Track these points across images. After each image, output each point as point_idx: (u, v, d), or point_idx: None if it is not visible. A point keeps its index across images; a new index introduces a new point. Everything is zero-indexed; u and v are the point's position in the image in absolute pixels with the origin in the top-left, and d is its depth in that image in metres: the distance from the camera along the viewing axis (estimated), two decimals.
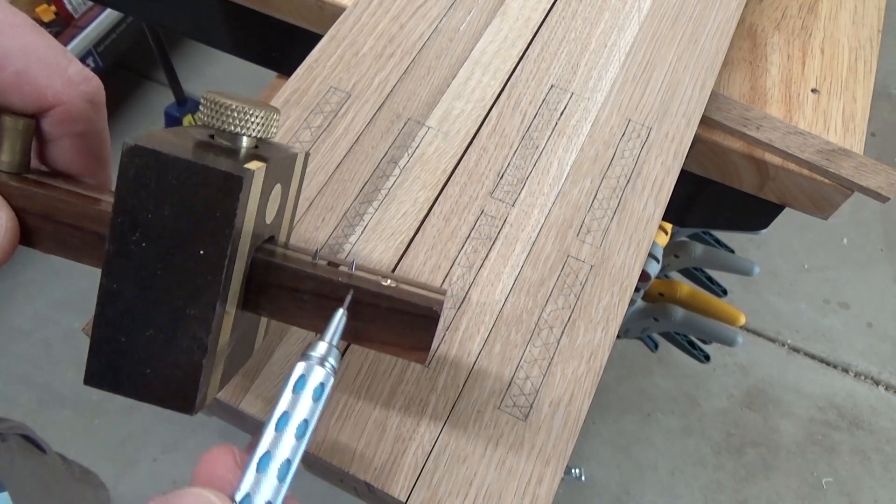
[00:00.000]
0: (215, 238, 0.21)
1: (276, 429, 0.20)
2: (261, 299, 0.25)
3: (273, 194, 0.25)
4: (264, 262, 0.24)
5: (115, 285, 0.21)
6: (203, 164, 0.21)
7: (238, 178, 0.21)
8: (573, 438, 0.31)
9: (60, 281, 1.36)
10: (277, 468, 0.20)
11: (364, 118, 0.40)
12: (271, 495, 0.19)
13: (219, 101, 0.23)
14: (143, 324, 0.22)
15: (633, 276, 0.35)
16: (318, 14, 0.50)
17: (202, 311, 0.22)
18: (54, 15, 1.29)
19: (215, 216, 0.21)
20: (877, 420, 1.30)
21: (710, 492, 1.22)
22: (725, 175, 0.48)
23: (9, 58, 0.23)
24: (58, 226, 0.24)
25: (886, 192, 0.43)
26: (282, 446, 0.20)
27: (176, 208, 0.21)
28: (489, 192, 0.38)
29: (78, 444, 1.20)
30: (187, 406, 0.22)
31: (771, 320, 1.40)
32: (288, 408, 0.21)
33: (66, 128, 0.25)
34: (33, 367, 1.27)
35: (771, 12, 0.53)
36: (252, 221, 0.23)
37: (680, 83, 0.43)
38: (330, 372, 0.22)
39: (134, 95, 1.62)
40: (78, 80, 0.25)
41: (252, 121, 0.23)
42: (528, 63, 0.43)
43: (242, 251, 0.23)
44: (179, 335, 0.22)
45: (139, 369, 0.22)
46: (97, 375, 0.22)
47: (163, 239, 0.21)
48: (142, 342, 0.22)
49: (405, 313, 0.24)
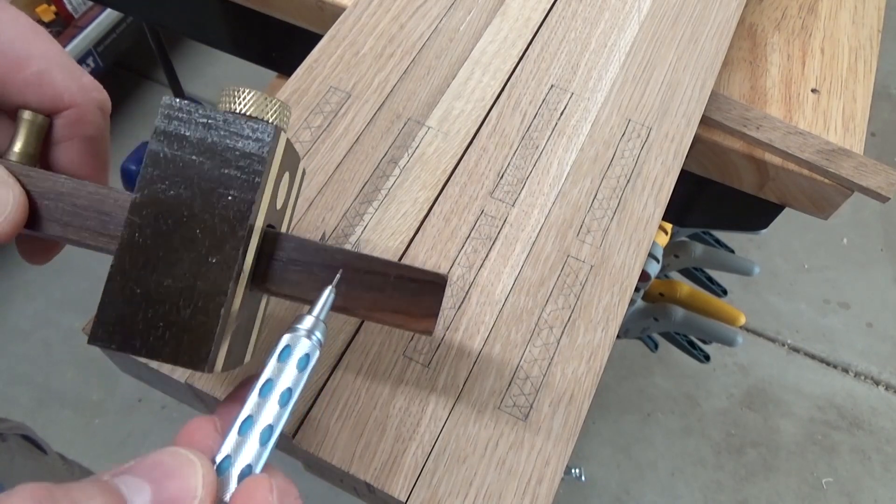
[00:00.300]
0: (245, 184, 0.22)
1: (259, 394, 0.20)
2: (269, 272, 0.25)
3: (284, 180, 0.26)
4: (274, 234, 0.25)
5: (136, 234, 0.22)
6: (237, 116, 0.23)
7: (271, 128, 0.23)
8: (573, 438, 0.31)
9: (60, 281, 1.36)
10: (259, 432, 0.20)
11: (364, 118, 0.40)
12: (252, 458, 0.19)
13: (240, 88, 0.24)
14: (163, 273, 0.22)
15: (633, 276, 0.35)
16: (318, 14, 0.50)
17: (226, 258, 0.22)
18: (54, 15, 1.29)
19: (247, 163, 0.22)
20: (877, 420, 1.30)
21: (710, 492, 1.22)
22: (725, 175, 0.48)
23: (33, 58, 0.25)
24: (65, 207, 0.24)
25: (886, 192, 0.43)
26: (265, 412, 0.20)
27: (208, 156, 0.22)
28: (489, 192, 0.38)
29: (78, 444, 1.20)
30: (201, 360, 0.22)
31: (771, 320, 1.40)
32: (272, 375, 0.21)
33: (77, 129, 0.27)
34: (33, 367, 1.27)
35: (771, 12, 0.53)
36: (269, 192, 0.24)
37: (680, 83, 0.43)
38: (316, 344, 0.22)
39: (134, 95, 1.62)
40: (91, 87, 0.27)
41: (270, 107, 0.24)
42: (528, 63, 0.43)
43: (259, 220, 0.23)
44: (199, 284, 0.22)
45: (153, 324, 0.22)
46: (106, 332, 0.22)
47: (192, 186, 0.22)
48: (159, 293, 0.22)
49: (414, 280, 0.25)
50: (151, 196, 0.22)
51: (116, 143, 1.45)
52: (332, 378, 0.32)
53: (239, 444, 0.19)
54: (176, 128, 0.22)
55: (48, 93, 0.25)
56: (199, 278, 0.22)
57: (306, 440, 0.30)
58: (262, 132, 0.23)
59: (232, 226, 0.22)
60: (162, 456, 0.18)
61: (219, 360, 0.23)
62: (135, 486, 0.17)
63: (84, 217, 0.24)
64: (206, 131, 0.22)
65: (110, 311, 0.22)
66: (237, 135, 0.22)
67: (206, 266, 0.22)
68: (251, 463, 0.19)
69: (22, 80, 0.25)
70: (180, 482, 0.17)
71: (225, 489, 0.19)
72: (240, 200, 0.22)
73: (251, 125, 0.23)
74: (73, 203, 0.24)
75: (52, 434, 0.75)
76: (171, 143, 0.22)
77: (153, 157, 0.22)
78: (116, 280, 0.22)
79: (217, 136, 0.22)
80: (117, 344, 0.22)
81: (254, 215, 0.23)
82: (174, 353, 0.22)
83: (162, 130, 0.22)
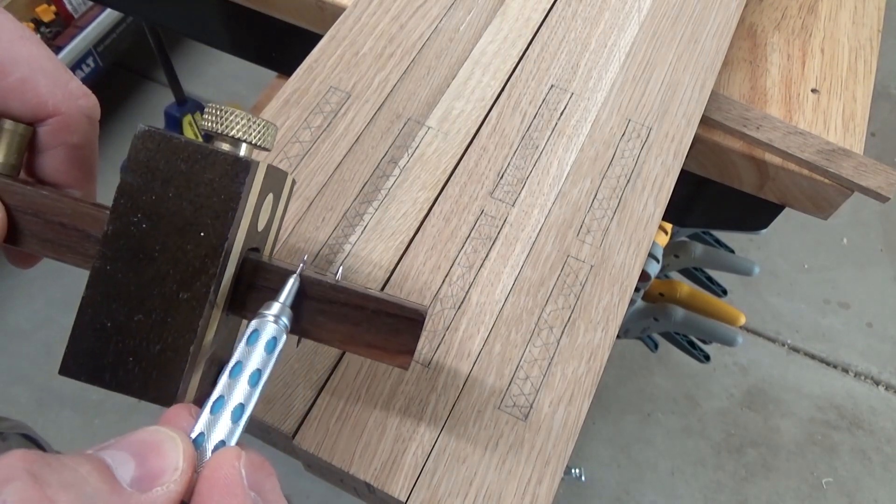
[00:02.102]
0: (217, 221, 0.22)
1: (230, 375, 0.21)
2: (248, 299, 0.25)
3: (266, 202, 0.25)
4: (254, 262, 0.25)
5: (108, 267, 0.22)
6: (213, 148, 0.22)
7: (246, 162, 0.22)
8: (573, 438, 0.31)
9: (60, 281, 1.36)
10: (231, 411, 0.20)
11: (364, 118, 0.40)
12: (225, 435, 0.20)
13: (224, 107, 0.23)
14: (133, 308, 0.22)
15: (633, 276, 0.35)
16: (318, 14, 0.50)
17: (196, 296, 0.22)
18: (54, 15, 1.29)
19: (220, 198, 0.22)
20: (877, 420, 1.30)
21: (710, 492, 1.22)
22: (725, 175, 0.48)
23: (16, 65, 0.24)
24: (44, 223, 0.24)
25: (886, 192, 0.43)
26: (235, 392, 0.21)
27: (181, 190, 0.22)
28: (489, 192, 0.38)
29: (78, 445, 1.19)
30: (168, 398, 0.22)
31: (771, 320, 1.40)
32: (241, 358, 0.21)
33: (62, 137, 0.26)
34: (33, 367, 1.27)
35: (771, 12, 0.53)
36: (248, 219, 0.23)
37: (680, 83, 0.43)
38: (282, 328, 0.22)
39: (134, 95, 1.62)
40: (78, 94, 0.26)
41: (253, 128, 0.23)
42: (528, 63, 0.43)
43: (236, 250, 0.23)
44: (169, 321, 0.22)
45: (122, 358, 0.22)
46: (76, 364, 0.22)
47: (164, 220, 0.22)
48: (129, 328, 0.22)
49: (392, 315, 0.25)
50: (123, 229, 0.22)
51: (116, 143, 1.45)
52: (332, 378, 0.32)
53: (212, 422, 0.20)
54: (149, 158, 0.22)
55: (32, 100, 0.25)
56: (170, 315, 0.22)
57: (306, 440, 0.31)
58: (238, 166, 0.22)
59: (203, 263, 0.22)
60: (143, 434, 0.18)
61: (189, 393, 0.23)
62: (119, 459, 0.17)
63: (65, 235, 0.24)
64: (180, 163, 0.22)
65: (81, 344, 0.22)
66: (212, 168, 0.22)
67: (177, 303, 0.22)
68: (224, 439, 0.20)
69: (5, 87, 0.24)
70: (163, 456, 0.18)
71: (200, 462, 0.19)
72: (212, 237, 0.22)
73: (226, 158, 0.22)
74: (54, 219, 0.24)
75: (51, 434, 0.75)
76: (144, 175, 0.22)
77: (126, 188, 0.22)
78: (87, 312, 0.22)
79: (192, 169, 0.22)
80: (87, 376, 0.22)
81: (227, 251, 0.22)
82: (143, 389, 0.22)
83: (135, 160, 0.22)
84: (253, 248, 0.25)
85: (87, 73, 1.35)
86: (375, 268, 0.35)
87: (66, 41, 1.30)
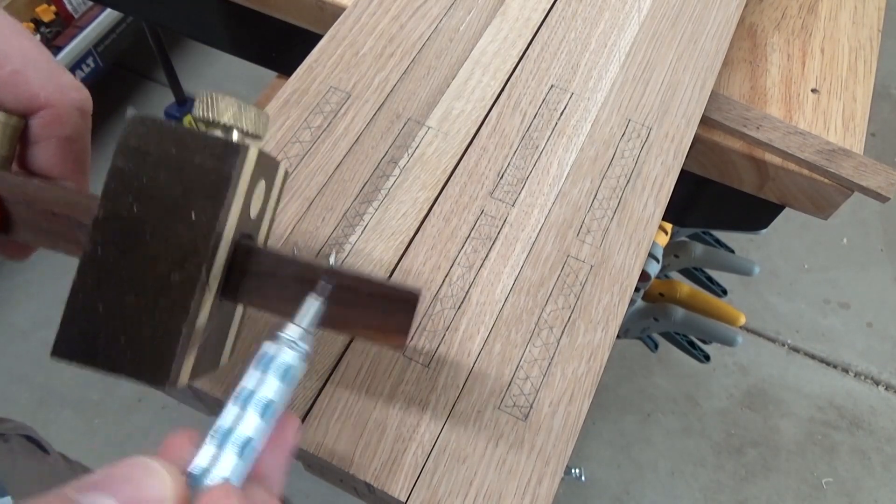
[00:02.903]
0: (208, 203, 0.22)
1: (236, 403, 0.20)
2: (241, 284, 0.25)
3: (259, 188, 0.25)
4: (247, 247, 0.24)
5: (99, 250, 0.22)
6: (204, 133, 0.22)
7: (236, 145, 0.22)
8: (573, 438, 0.31)
9: (60, 281, 1.36)
10: (238, 445, 0.19)
11: (364, 118, 0.40)
12: (229, 472, 0.19)
13: (215, 95, 0.23)
14: (125, 290, 0.21)
15: (633, 276, 0.35)
16: (318, 14, 0.50)
17: (188, 277, 0.22)
18: (54, 15, 1.29)
19: (211, 181, 0.22)
20: (877, 420, 1.30)
21: (710, 492, 1.22)
22: (725, 175, 0.48)
23: (8, 58, 0.25)
24: (37, 213, 0.24)
25: (886, 192, 0.43)
26: (243, 424, 0.19)
27: (172, 173, 0.22)
28: (489, 192, 0.38)
29: (78, 444, 1.20)
30: (161, 377, 0.21)
31: (771, 320, 1.40)
32: (252, 385, 0.20)
33: (54, 130, 0.26)
34: (33, 367, 1.27)
35: (771, 12, 0.53)
36: (240, 204, 0.23)
37: (680, 83, 0.43)
38: (301, 355, 0.22)
39: (134, 95, 1.62)
40: (69, 87, 0.26)
41: (246, 116, 0.23)
42: (528, 63, 0.43)
43: (228, 234, 0.23)
44: (161, 302, 0.21)
45: (114, 339, 0.21)
46: (69, 346, 0.21)
47: (155, 203, 0.22)
48: (121, 309, 0.21)
49: (386, 297, 0.25)
50: (114, 212, 0.22)
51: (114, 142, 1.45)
52: (332, 378, 0.32)
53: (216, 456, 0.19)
54: (140, 143, 0.22)
55: (23, 92, 0.25)
56: (162, 296, 0.21)
57: (306, 440, 0.31)
58: (228, 149, 0.22)
59: (195, 244, 0.22)
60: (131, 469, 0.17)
61: (183, 375, 0.23)
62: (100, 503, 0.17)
63: (57, 223, 0.24)
64: (171, 147, 0.22)
65: (72, 326, 0.22)
66: (202, 152, 0.22)
67: (169, 284, 0.22)
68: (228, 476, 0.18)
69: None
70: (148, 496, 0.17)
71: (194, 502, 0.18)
72: (203, 219, 0.22)
73: (217, 141, 0.22)
74: (45, 209, 0.24)
75: (52, 434, 0.75)
76: (135, 159, 0.22)
77: (116, 172, 0.22)
78: (79, 296, 0.22)
79: (182, 152, 0.22)
80: (79, 358, 0.21)
81: (218, 233, 0.22)
82: (136, 370, 0.22)
83: (126, 145, 0.22)
84: (246, 235, 0.25)
85: (87, 73, 1.35)
86: (375, 267, 0.35)
87: (66, 41, 1.30)
